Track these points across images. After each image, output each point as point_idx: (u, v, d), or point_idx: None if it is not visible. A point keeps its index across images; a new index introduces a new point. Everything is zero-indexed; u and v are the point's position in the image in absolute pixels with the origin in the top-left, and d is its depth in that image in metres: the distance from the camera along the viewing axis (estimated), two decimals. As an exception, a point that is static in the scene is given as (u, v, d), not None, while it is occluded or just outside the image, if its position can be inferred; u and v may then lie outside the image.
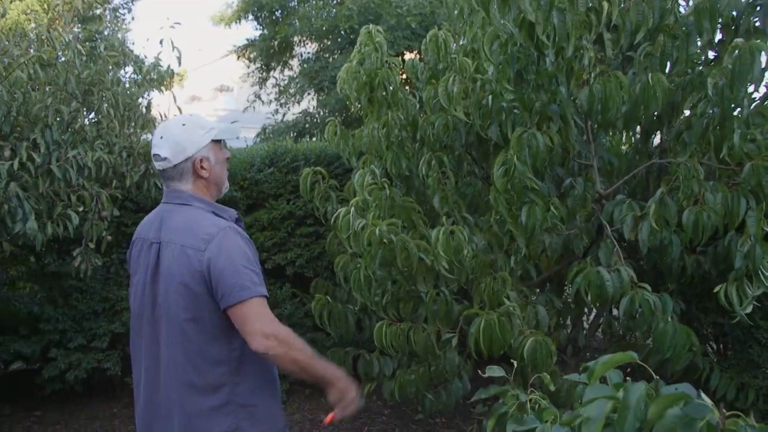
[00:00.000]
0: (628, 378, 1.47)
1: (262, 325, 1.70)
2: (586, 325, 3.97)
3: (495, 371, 2.01)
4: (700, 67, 3.01)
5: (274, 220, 4.48)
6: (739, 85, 2.48)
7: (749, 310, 2.65)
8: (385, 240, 2.69)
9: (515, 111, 2.98)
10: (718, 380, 3.36)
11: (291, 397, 4.42)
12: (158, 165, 1.88)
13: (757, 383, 3.49)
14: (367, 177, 3.09)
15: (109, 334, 4.11)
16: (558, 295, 3.72)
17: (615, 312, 4.12)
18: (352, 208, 2.86)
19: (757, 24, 2.85)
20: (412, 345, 3.10)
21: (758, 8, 2.80)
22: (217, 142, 1.90)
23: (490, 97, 2.90)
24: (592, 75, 2.81)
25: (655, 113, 3.13)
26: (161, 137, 1.86)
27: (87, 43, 3.26)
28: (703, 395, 1.32)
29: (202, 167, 1.86)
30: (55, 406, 4.32)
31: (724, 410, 1.25)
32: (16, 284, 4.47)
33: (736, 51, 2.48)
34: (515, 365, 2.12)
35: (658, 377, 1.47)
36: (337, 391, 1.83)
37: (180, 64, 3.26)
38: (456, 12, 3.61)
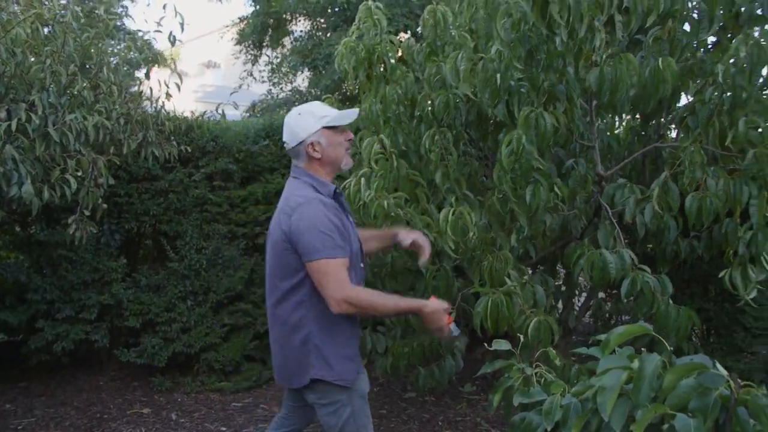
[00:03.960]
0: (643, 349, 1.49)
1: (333, 291, 1.99)
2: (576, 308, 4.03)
3: (502, 345, 2.02)
4: (701, 53, 3.05)
5: (269, 194, 4.43)
6: (756, 74, 2.52)
7: (754, 294, 2.71)
8: (392, 213, 2.68)
9: (522, 90, 2.98)
10: (702, 364, 3.46)
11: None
12: (286, 147, 2.25)
13: (740, 367, 3.59)
14: (375, 146, 3.06)
15: (98, 306, 4.05)
16: (551, 275, 3.76)
17: (601, 295, 4.20)
18: (362, 179, 2.84)
19: (759, 12, 2.89)
20: (409, 319, 3.10)
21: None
22: (331, 127, 2.17)
23: (498, 75, 2.89)
24: (603, 57, 2.81)
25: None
26: (285, 123, 2.22)
27: (84, 5, 3.16)
28: (718, 365, 1.34)
29: (314, 149, 2.16)
30: (41, 377, 4.25)
31: (738, 380, 1.27)
32: (0, 253, 4.36)
33: (750, 40, 2.51)
34: (521, 340, 2.14)
35: (671, 348, 1.49)
36: (427, 320, 2.13)
37: (183, 30, 3.19)
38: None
